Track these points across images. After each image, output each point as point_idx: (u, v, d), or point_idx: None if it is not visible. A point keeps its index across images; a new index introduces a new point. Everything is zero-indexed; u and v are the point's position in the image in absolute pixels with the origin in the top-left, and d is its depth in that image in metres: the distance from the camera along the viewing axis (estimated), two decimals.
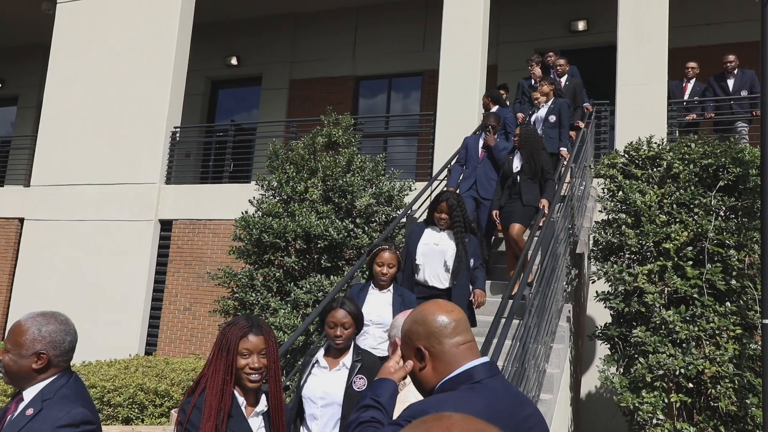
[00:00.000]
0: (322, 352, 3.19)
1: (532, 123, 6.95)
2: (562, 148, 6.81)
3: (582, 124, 7.52)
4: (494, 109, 7.31)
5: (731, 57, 8.09)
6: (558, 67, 7.95)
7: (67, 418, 1.89)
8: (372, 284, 3.97)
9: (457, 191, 6.03)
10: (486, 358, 1.59)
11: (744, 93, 7.95)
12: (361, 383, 3.09)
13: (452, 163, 6.86)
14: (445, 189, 5.26)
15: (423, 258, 4.56)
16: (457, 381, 1.52)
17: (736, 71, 8.09)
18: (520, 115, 7.14)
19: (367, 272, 4.12)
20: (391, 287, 3.99)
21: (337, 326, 3.12)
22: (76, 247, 10.00)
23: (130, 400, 5.52)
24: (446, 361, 1.55)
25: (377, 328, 3.89)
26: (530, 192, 5.73)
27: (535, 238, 5.00)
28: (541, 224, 5.14)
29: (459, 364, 1.54)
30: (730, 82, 8.09)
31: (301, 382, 3.14)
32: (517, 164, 5.90)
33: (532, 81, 8.16)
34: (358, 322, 3.18)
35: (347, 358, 3.15)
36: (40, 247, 10.31)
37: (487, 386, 1.52)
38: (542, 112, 7.00)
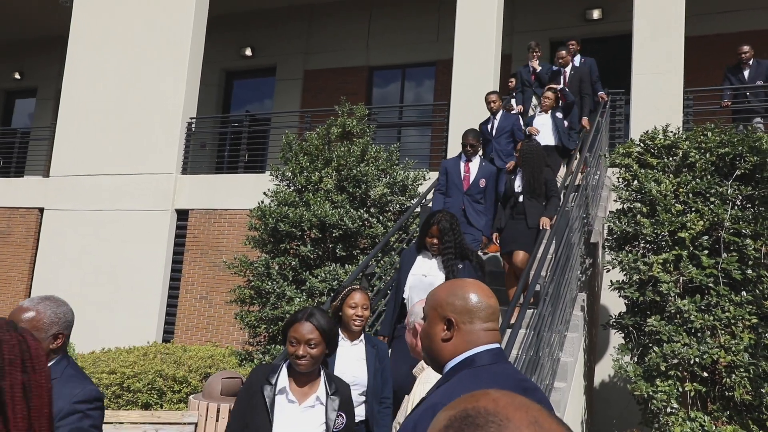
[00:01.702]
0: (285, 375, 2.46)
1: (536, 125, 6.79)
2: (583, 118, 6.83)
3: (586, 123, 7.42)
4: (498, 114, 6.69)
5: (746, 47, 7.96)
6: (560, 60, 7.75)
7: (82, 394, 1.99)
8: (341, 334, 3.28)
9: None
10: (494, 344, 1.58)
11: (760, 83, 7.84)
12: (339, 423, 2.47)
13: (432, 190, 6.11)
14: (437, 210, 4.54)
15: (411, 291, 4.05)
16: (459, 367, 1.54)
17: (751, 62, 7.97)
18: (532, 129, 6.74)
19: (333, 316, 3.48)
20: (362, 336, 3.34)
21: (300, 344, 2.41)
22: (95, 236, 10.15)
23: (149, 386, 5.64)
24: (468, 341, 1.56)
25: (352, 389, 3.23)
26: (535, 213, 5.38)
27: (536, 263, 4.69)
28: (541, 247, 4.87)
29: (473, 347, 1.55)
30: (746, 73, 7.97)
31: (260, 420, 2.40)
32: (518, 183, 5.56)
33: (530, 69, 8.09)
34: (328, 340, 2.49)
35: (320, 390, 2.47)
36: (60, 237, 10.47)
37: (488, 371, 1.51)
38: (547, 120, 6.79)
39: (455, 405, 0.80)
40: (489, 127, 6.68)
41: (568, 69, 7.76)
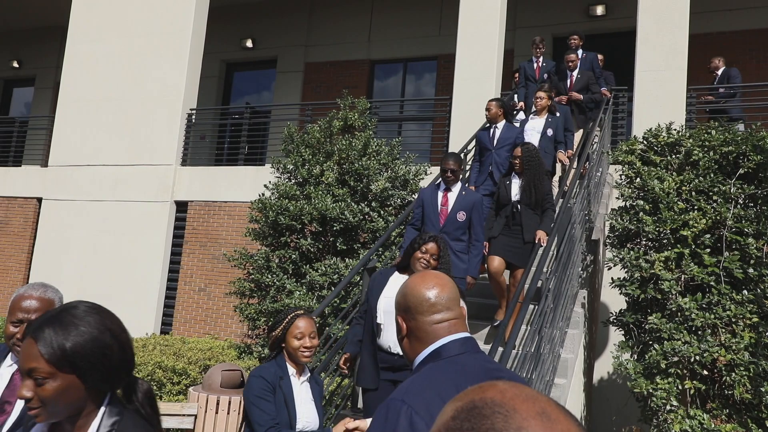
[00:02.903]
0: None
1: (525, 131, 6.33)
2: (560, 151, 6.22)
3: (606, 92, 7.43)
4: (501, 123, 6.00)
5: (714, 60, 8.40)
6: (570, 63, 7.66)
7: None
8: (289, 368, 2.82)
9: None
10: (464, 333, 1.50)
11: (721, 90, 8.11)
12: None
13: (408, 220, 5.24)
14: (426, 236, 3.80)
15: (384, 316, 3.51)
16: (426, 361, 1.47)
17: (720, 71, 8.32)
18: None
19: (272, 346, 2.93)
20: (306, 371, 2.91)
21: (23, 377, 1.38)
22: (93, 227, 10.12)
23: (149, 377, 5.62)
24: (420, 338, 1.49)
25: None
26: (533, 224, 5.02)
27: (533, 268, 4.46)
28: (536, 262, 4.59)
29: (432, 342, 1.48)
30: (715, 82, 8.39)
31: None
32: (515, 190, 5.13)
33: (534, 65, 8.02)
34: (73, 367, 1.36)
35: None
36: (58, 227, 10.44)
37: (454, 362, 1.43)
38: (539, 125, 6.31)
39: (462, 397, 0.79)
40: (490, 134, 6.08)
41: (575, 73, 7.68)
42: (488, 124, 6.16)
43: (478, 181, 5.97)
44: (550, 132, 6.24)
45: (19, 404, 2.10)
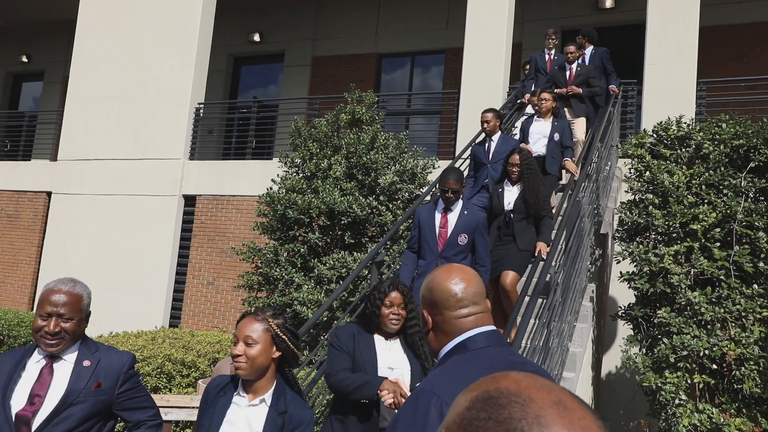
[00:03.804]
0: None
1: (531, 135, 6.09)
2: (567, 159, 5.92)
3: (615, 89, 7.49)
4: (496, 136, 5.69)
5: None
6: (569, 54, 7.43)
7: (129, 362, 2.29)
8: (241, 383, 2.27)
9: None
10: (489, 327, 1.51)
11: None
12: None
13: (405, 245, 4.74)
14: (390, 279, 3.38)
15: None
16: (451, 353, 1.49)
17: None
18: (525, 146, 5.81)
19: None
20: (268, 395, 2.23)
21: None
22: (102, 221, 10.17)
23: (158, 370, 5.65)
24: (446, 332, 1.51)
25: None
26: (527, 234, 4.74)
27: (530, 288, 4.13)
28: (537, 271, 4.34)
29: (458, 335, 1.50)
30: None
31: None
32: (509, 199, 4.88)
33: (546, 57, 7.93)
34: None
35: None
36: (67, 221, 10.50)
37: (479, 355, 1.44)
38: (545, 129, 6.02)
39: (475, 387, 0.79)
40: (485, 148, 5.71)
41: (574, 66, 7.57)
42: (483, 137, 5.85)
43: (470, 195, 5.62)
44: (557, 136, 5.96)
45: (50, 397, 2.13)
